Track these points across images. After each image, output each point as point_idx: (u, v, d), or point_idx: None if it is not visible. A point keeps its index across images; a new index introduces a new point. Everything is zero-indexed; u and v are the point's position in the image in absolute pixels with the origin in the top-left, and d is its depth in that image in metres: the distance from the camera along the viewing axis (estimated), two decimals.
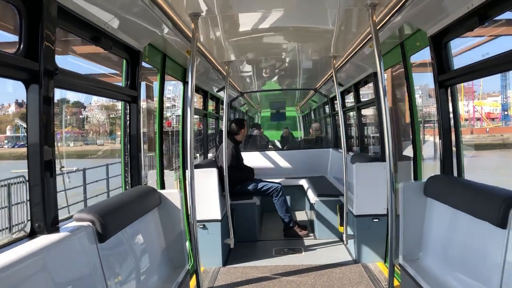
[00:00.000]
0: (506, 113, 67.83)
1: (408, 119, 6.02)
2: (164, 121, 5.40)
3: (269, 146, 12.08)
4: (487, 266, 2.90)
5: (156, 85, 5.04)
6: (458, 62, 3.82)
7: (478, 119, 71.01)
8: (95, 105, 77.31)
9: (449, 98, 4.04)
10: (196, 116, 8.08)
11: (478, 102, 72.45)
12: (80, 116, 78.53)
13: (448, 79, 3.92)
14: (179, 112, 6.12)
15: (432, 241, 3.83)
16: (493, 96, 73.70)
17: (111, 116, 74.14)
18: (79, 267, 2.64)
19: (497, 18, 3.18)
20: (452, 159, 4.04)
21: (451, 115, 4.05)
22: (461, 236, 3.38)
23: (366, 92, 8.29)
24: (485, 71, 3.43)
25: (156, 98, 5.18)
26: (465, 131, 59.03)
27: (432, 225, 3.85)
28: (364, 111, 8.15)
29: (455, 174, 4.05)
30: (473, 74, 3.64)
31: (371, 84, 6.49)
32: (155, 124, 5.12)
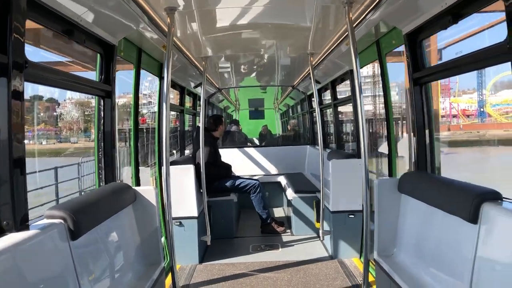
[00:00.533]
0: (482, 109, 68.70)
1: None
2: (139, 117, 5.32)
3: (248, 143, 12.08)
4: (459, 261, 2.95)
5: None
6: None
7: (455, 116, 71.70)
8: (69, 102, 75.29)
9: (423, 95, 4.10)
10: (173, 113, 8.00)
11: (454, 99, 73.08)
12: (54, 113, 76.35)
13: (422, 76, 3.98)
14: (156, 108, 6.04)
15: (406, 236, 3.89)
16: (468, 93, 74.53)
17: (86, 113, 72.56)
18: (51, 266, 2.58)
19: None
20: (426, 155, 4.10)
21: (425, 112, 4.11)
22: (434, 232, 3.43)
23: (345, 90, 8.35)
24: (458, 69, 3.49)
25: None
26: (443, 127, 59.55)
27: (406, 221, 3.91)
28: (343, 109, 8.22)
29: (429, 170, 4.11)
30: (447, 72, 3.71)
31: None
32: (130, 120, 5.03)
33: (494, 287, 2.59)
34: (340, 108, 8.17)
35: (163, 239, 4.96)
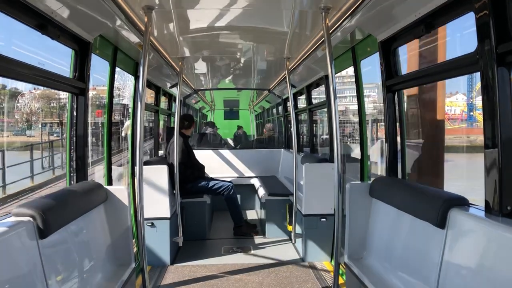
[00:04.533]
0: (471, 113, 68.08)
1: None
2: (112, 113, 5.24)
3: (222, 143, 12.06)
4: (426, 265, 3.03)
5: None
6: None
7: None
8: (29, 93, 70.08)
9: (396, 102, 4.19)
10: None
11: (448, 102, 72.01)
12: (17, 104, 70.81)
13: (395, 84, 4.07)
14: (124, 102, 5.97)
15: (376, 240, 3.96)
16: (449, 96, 74.02)
17: (52, 105, 69.21)
18: (18, 265, 2.52)
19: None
20: (397, 161, 4.19)
21: (397, 119, 4.21)
22: (403, 236, 3.51)
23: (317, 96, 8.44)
24: (430, 77, 3.60)
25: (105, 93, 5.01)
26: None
27: (376, 225, 3.98)
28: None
29: (400, 176, 4.20)
30: (419, 80, 3.81)
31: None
32: (104, 118, 4.96)
33: None
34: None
35: (134, 239, 4.90)
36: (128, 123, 12.70)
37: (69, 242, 3.27)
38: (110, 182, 4.99)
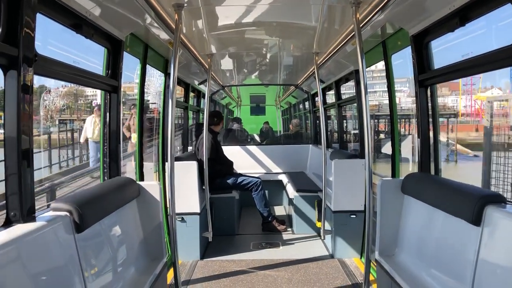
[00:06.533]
0: None
1: None
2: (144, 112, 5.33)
3: (249, 141, 12.08)
4: (460, 263, 2.97)
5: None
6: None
7: (477, 114, 65.91)
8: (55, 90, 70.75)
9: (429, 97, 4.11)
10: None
11: (479, 96, 66.61)
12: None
13: (428, 78, 3.99)
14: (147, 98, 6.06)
15: (408, 237, 3.90)
16: (484, 91, 68.79)
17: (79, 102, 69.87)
18: (56, 258, 2.60)
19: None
20: (430, 157, 4.11)
21: (430, 114, 4.13)
22: (436, 233, 3.45)
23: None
24: (464, 72, 3.50)
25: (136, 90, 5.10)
26: (469, 127, 54.82)
27: (408, 221, 3.93)
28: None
29: (433, 172, 4.13)
30: (452, 74, 3.71)
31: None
32: (136, 115, 5.05)
33: None
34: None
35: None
36: (127, 123, 12.68)
37: (103, 236, 3.35)
38: (142, 177, 5.08)
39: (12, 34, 2.39)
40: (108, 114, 4.12)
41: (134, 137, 8.58)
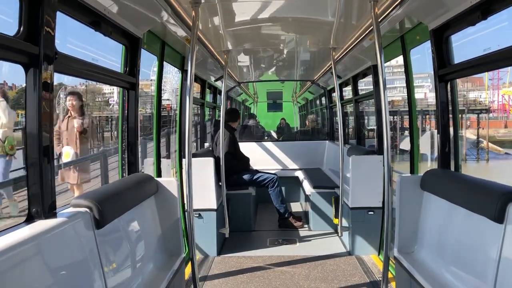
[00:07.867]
0: None
1: None
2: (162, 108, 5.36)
3: (265, 137, 12.07)
4: (482, 261, 2.92)
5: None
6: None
7: (505, 110, 64.41)
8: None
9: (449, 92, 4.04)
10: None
11: (506, 91, 64.86)
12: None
13: (448, 73, 3.92)
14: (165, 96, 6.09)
15: (428, 234, 3.85)
16: (508, 86, 66.31)
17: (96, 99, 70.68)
18: (76, 253, 2.64)
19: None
20: (450, 153, 4.05)
21: (450, 109, 4.06)
22: (456, 230, 3.40)
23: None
24: (486, 66, 3.43)
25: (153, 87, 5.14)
26: (497, 124, 53.57)
27: (428, 218, 3.87)
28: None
29: (452, 168, 4.06)
30: (473, 69, 3.64)
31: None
32: (153, 112, 5.09)
33: None
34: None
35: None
36: (57, 126, 12.28)
37: (122, 232, 3.38)
38: (159, 174, 5.11)
39: (32, 33, 2.43)
40: (126, 111, 4.16)
41: (68, 153, 7.57)
